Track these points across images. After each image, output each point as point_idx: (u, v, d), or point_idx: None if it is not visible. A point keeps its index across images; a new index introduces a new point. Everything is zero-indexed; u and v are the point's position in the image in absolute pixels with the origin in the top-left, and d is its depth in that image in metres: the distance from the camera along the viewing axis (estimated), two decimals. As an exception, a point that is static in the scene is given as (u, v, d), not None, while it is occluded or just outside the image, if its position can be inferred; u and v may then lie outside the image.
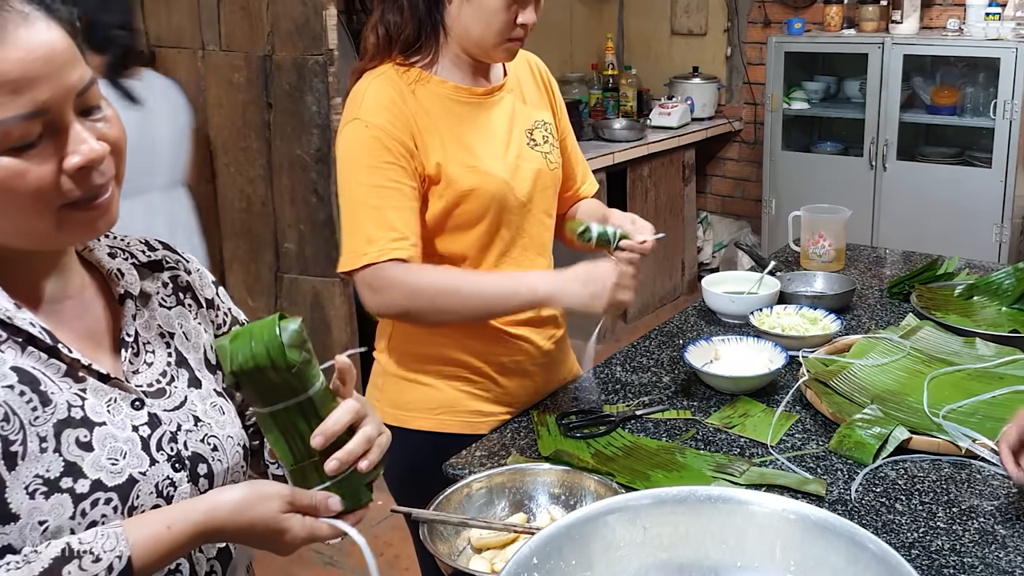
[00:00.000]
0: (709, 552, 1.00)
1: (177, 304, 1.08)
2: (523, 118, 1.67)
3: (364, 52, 1.62)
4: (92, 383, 0.94)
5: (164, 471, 0.95)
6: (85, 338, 0.96)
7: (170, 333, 1.05)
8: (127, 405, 0.96)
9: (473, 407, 1.65)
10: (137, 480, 0.92)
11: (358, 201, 1.51)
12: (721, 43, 5.09)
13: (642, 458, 1.49)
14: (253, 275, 3.21)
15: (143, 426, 0.96)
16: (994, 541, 1.26)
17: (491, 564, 1.24)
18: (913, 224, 4.14)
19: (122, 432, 0.93)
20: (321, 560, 2.96)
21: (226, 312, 1.15)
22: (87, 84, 0.87)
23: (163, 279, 1.07)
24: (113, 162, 0.90)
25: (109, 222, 0.91)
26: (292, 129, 3.01)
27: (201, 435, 1.01)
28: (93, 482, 0.89)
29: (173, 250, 1.11)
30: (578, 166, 1.82)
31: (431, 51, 1.57)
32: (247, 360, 0.92)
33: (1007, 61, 3.84)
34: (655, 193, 4.63)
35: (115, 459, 0.91)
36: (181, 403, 1.01)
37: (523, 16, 1.53)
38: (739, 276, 2.20)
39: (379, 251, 1.48)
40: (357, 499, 1.00)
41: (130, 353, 0.99)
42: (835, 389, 1.65)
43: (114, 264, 1.02)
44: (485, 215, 1.58)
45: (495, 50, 1.56)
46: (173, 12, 3.00)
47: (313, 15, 2.90)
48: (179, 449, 0.98)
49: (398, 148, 1.50)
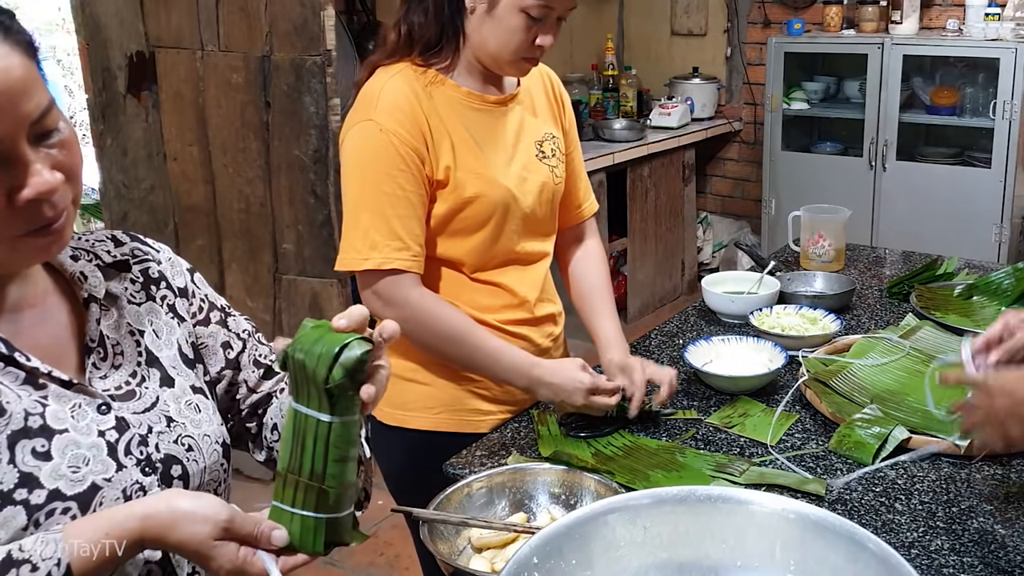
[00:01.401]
0: (709, 552, 1.00)
1: (148, 300, 1.06)
2: (533, 129, 1.67)
3: (382, 47, 1.60)
4: (54, 389, 0.92)
5: (132, 476, 0.93)
6: (47, 344, 0.94)
7: (140, 331, 1.03)
8: (92, 410, 0.94)
9: (472, 406, 1.65)
10: (101, 487, 0.90)
11: (365, 205, 1.50)
12: (721, 43, 5.09)
13: (642, 458, 1.49)
14: (252, 276, 3.20)
15: (110, 431, 0.94)
16: (994, 541, 1.26)
17: (491, 564, 1.24)
18: (913, 224, 4.14)
19: (86, 438, 0.91)
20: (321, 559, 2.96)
21: (202, 299, 1.12)
22: (43, 111, 0.84)
23: (131, 276, 1.05)
24: (69, 189, 0.88)
25: (62, 246, 0.90)
26: (290, 130, 3.01)
27: (174, 436, 0.99)
28: (50, 492, 0.87)
29: (143, 241, 1.09)
30: (581, 182, 1.82)
31: (450, 56, 1.56)
32: (301, 349, 0.89)
33: (1006, 61, 3.84)
34: (655, 193, 4.63)
35: (76, 467, 0.89)
36: (152, 404, 0.99)
37: (541, 39, 1.53)
38: (739, 276, 2.20)
39: (383, 258, 1.49)
40: (338, 538, 0.96)
41: (96, 357, 0.97)
42: (835, 389, 1.65)
43: (77, 267, 0.99)
44: (487, 223, 1.58)
45: (508, 66, 1.56)
46: (172, 12, 3.00)
47: (311, 16, 2.90)
48: (149, 452, 0.96)
49: (411, 156, 1.50)
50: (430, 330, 1.55)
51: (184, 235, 3.24)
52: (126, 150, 3.17)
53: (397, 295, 1.52)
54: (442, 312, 1.55)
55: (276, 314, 3.20)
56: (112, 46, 3.06)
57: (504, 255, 1.63)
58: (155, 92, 3.10)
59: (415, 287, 1.53)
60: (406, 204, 1.51)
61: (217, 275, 3.24)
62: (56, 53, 5.17)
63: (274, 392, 1.18)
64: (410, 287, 1.53)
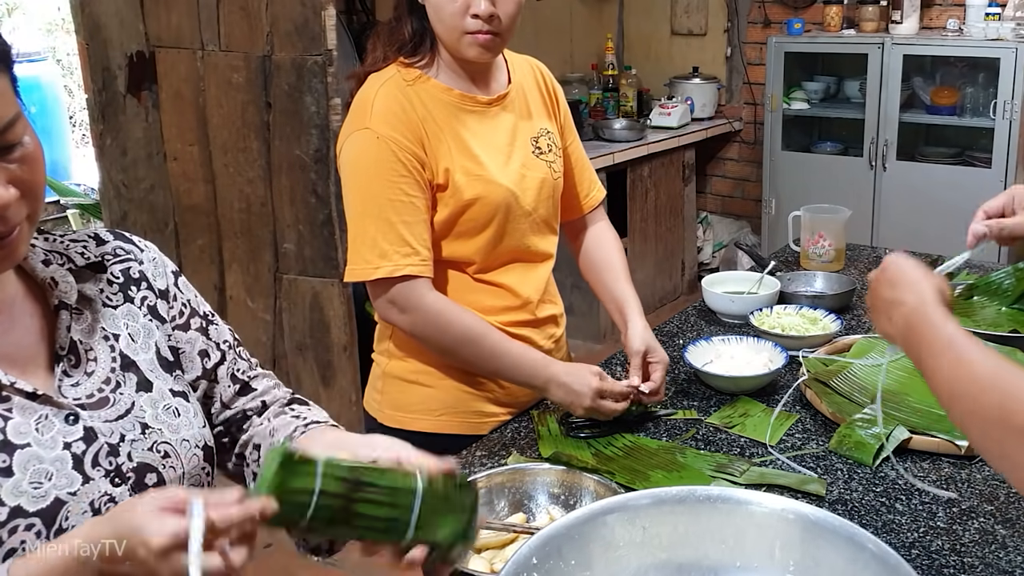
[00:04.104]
0: (708, 552, 1.00)
1: (125, 301, 1.03)
2: (528, 126, 1.66)
3: (367, 54, 1.61)
4: (19, 401, 0.89)
5: (100, 487, 0.91)
6: (13, 354, 0.92)
7: (115, 335, 1.01)
8: (60, 421, 0.91)
9: (474, 408, 1.65)
10: (65, 501, 0.88)
11: (370, 214, 1.50)
12: (721, 43, 5.09)
13: (642, 458, 1.49)
14: (252, 275, 3.20)
15: (77, 442, 0.92)
16: (994, 541, 1.26)
17: (491, 564, 1.24)
18: (913, 224, 4.13)
19: (49, 452, 0.89)
20: (321, 560, 2.96)
21: (184, 303, 1.10)
22: (6, 124, 0.82)
23: (108, 277, 1.03)
24: (25, 204, 0.86)
25: (14, 260, 0.89)
26: (291, 130, 3.01)
27: (149, 443, 0.97)
28: (12, 509, 0.85)
29: (128, 239, 1.07)
30: (585, 172, 1.82)
31: (427, 54, 1.56)
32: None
33: (1007, 61, 3.84)
34: (655, 193, 4.63)
35: (39, 482, 0.87)
36: (127, 411, 0.97)
37: (475, 6, 1.47)
38: (739, 276, 2.20)
39: (393, 266, 1.49)
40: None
41: (67, 364, 0.95)
42: (835, 389, 1.65)
43: (48, 272, 0.97)
44: (490, 223, 1.58)
45: (460, 46, 1.51)
46: (172, 12, 3.00)
47: (312, 15, 2.90)
48: (120, 463, 0.94)
49: (411, 161, 1.50)
50: (448, 333, 1.55)
51: (184, 235, 3.24)
52: (126, 150, 3.16)
53: (411, 300, 1.52)
54: (458, 315, 1.55)
55: (277, 314, 3.20)
56: (112, 46, 3.06)
57: (509, 253, 1.63)
58: (155, 92, 3.10)
59: (429, 291, 1.53)
60: (411, 209, 1.50)
61: (217, 275, 3.24)
62: (56, 53, 5.18)
63: (248, 411, 1.15)
64: (424, 291, 1.53)
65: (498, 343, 1.56)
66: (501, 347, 1.56)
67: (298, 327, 3.19)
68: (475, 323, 1.56)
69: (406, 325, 1.55)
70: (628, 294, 1.72)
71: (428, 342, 1.58)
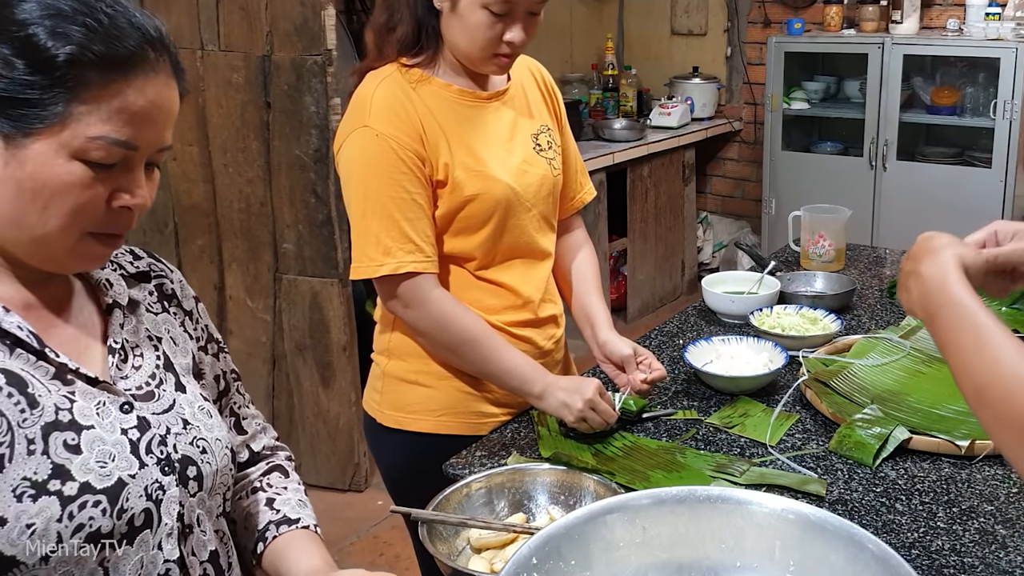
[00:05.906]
0: (708, 552, 1.00)
1: (163, 311, 1.10)
2: (528, 123, 1.66)
3: (366, 52, 1.61)
4: (81, 386, 0.94)
5: (153, 474, 0.95)
6: (73, 342, 0.98)
7: (158, 338, 1.07)
8: (116, 408, 0.96)
9: (474, 408, 1.65)
10: (127, 483, 0.92)
11: (372, 212, 1.50)
12: (721, 43, 5.09)
13: (642, 458, 1.49)
14: (252, 275, 3.20)
15: (132, 429, 0.96)
16: (994, 541, 1.26)
17: (490, 564, 1.24)
18: (913, 224, 4.09)
19: (111, 435, 0.94)
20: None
21: (203, 328, 1.17)
22: (167, 145, 0.96)
23: (149, 288, 1.10)
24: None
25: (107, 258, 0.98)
26: (291, 129, 3.01)
27: (190, 438, 1.01)
28: (82, 484, 0.89)
29: (157, 259, 1.15)
30: (578, 172, 1.82)
31: (430, 54, 1.56)
32: None
33: (1007, 61, 3.84)
34: (655, 193, 4.63)
35: (104, 462, 0.92)
36: (170, 406, 1.02)
37: (510, 34, 1.50)
38: (739, 276, 2.20)
39: (398, 263, 1.50)
40: None
41: (118, 359, 1.00)
42: (835, 389, 1.64)
43: (103, 275, 1.04)
44: (490, 219, 1.58)
45: (482, 64, 1.55)
46: (172, 12, 3.00)
47: (312, 15, 2.90)
48: (168, 452, 0.98)
49: (411, 158, 1.50)
50: (449, 331, 1.55)
51: (184, 235, 3.24)
52: (126, 150, 3.16)
53: (418, 296, 1.53)
54: (460, 314, 1.55)
55: (276, 314, 3.20)
56: (112, 46, 3.05)
57: (510, 250, 1.63)
58: (155, 92, 3.10)
59: (435, 287, 1.54)
60: (413, 206, 1.50)
61: (217, 275, 3.24)
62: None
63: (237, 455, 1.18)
64: (430, 287, 1.53)
65: (496, 348, 1.56)
66: (498, 352, 1.56)
67: (298, 327, 3.19)
68: (476, 324, 1.56)
69: (410, 320, 1.56)
70: (598, 307, 1.73)
71: (428, 339, 1.58)
